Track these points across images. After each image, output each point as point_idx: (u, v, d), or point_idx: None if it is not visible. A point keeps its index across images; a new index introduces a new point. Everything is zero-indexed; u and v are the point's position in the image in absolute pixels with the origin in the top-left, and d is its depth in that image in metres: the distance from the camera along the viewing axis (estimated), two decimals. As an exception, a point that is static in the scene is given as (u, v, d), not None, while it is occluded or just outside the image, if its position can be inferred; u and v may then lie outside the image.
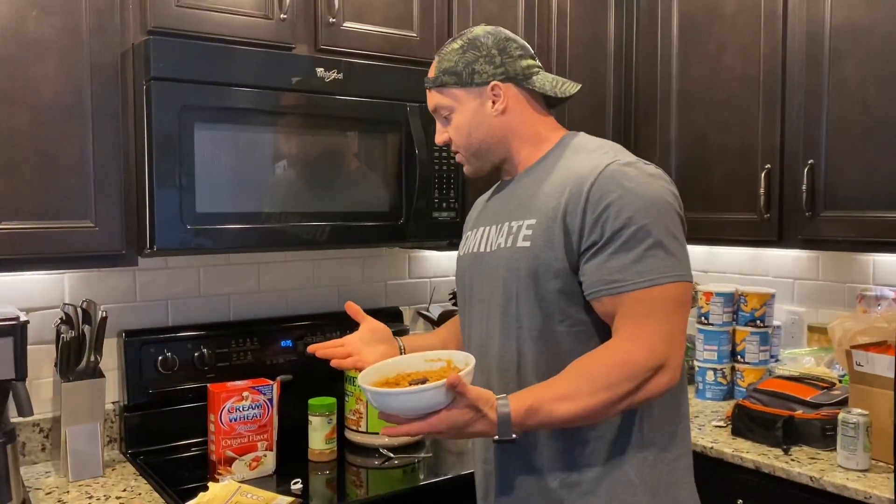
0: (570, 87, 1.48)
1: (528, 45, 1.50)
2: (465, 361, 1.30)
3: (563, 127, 1.51)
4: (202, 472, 1.91)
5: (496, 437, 1.22)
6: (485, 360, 1.43)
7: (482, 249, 1.49)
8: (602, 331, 1.33)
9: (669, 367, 1.25)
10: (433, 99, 1.50)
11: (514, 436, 1.21)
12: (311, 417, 2.01)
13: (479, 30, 1.48)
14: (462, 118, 1.47)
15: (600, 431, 1.33)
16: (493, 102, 1.45)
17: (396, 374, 1.33)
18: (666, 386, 1.26)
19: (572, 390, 1.23)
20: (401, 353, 1.63)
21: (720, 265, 2.89)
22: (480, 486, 1.51)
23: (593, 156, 1.38)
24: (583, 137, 1.47)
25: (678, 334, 1.28)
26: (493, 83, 1.44)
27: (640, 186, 1.30)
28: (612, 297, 1.28)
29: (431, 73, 1.50)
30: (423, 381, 1.25)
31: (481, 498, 1.51)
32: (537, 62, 1.50)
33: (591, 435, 1.34)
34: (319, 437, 2.00)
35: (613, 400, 1.23)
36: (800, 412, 2.06)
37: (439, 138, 1.53)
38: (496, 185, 1.58)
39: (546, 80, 1.48)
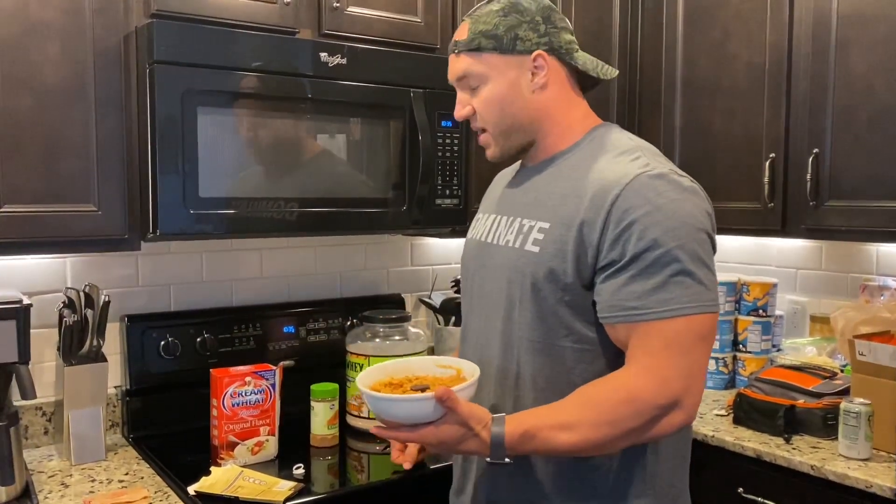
0: (610, 71, 1.35)
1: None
2: (470, 372, 1.25)
3: (594, 114, 1.39)
4: (204, 456, 1.91)
5: (488, 458, 1.16)
6: (481, 364, 1.34)
7: (489, 240, 1.39)
8: (609, 351, 1.24)
9: (685, 406, 1.16)
10: (460, 64, 1.32)
11: (507, 459, 1.15)
12: (313, 403, 2.01)
13: None
14: (495, 90, 1.30)
15: (604, 465, 1.25)
16: (534, 75, 1.29)
17: (404, 375, 1.30)
18: (680, 425, 1.17)
19: (574, 419, 1.15)
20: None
21: (723, 254, 2.87)
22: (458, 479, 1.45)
23: (622, 160, 1.24)
24: (615, 133, 1.33)
25: (697, 370, 1.17)
26: (536, 52, 1.28)
27: (670, 203, 1.17)
28: (628, 325, 1.17)
29: (462, 35, 1.32)
30: (425, 389, 1.20)
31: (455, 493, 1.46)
32: (575, 39, 1.36)
33: (596, 470, 1.26)
34: (321, 422, 2.01)
35: (617, 436, 1.16)
36: (801, 401, 2.06)
37: (460, 112, 1.36)
38: (518, 168, 1.45)
39: (587, 59, 1.33)
